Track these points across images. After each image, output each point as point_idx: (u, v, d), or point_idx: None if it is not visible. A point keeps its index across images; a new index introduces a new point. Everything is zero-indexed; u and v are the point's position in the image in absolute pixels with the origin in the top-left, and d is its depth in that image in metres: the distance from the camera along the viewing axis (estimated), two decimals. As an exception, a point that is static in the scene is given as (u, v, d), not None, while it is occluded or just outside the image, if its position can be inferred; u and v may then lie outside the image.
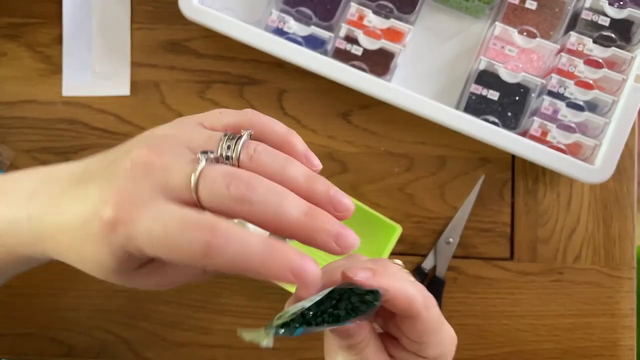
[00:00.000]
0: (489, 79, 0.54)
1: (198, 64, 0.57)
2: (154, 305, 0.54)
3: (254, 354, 0.54)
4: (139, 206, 0.25)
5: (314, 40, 0.54)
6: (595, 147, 0.52)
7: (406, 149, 0.56)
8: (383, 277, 0.28)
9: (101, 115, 0.56)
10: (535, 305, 0.55)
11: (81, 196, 0.27)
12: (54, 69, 0.57)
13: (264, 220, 0.25)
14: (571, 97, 0.53)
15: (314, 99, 0.56)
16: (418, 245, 0.55)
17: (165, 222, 0.24)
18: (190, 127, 0.29)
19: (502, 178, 0.56)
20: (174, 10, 0.54)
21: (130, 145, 0.28)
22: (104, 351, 0.54)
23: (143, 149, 0.26)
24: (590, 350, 0.55)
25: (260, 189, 0.25)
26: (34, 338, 0.54)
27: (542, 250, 0.55)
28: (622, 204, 0.56)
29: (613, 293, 0.55)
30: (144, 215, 0.25)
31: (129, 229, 0.25)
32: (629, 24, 0.54)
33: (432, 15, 0.57)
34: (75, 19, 0.57)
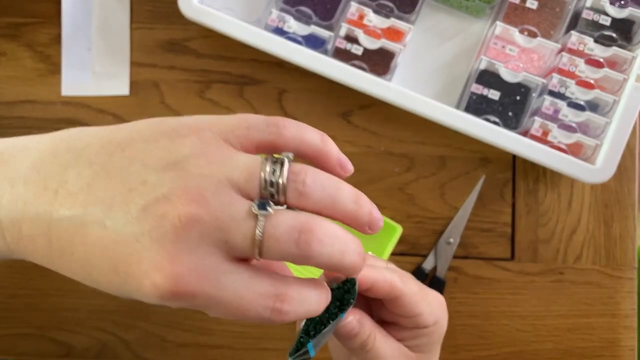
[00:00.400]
0: (489, 78, 0.54)
1: (198, 64, 0.57)
2: (153, 305, 0.54)
3: (254, 354, 0.54)
4: (200, 277, 0.23)
5: (314, 40, 0.54)
6: (596, 147, 0.52)
7: (406, 149, 0.56)
8: (365, 270, 0.30)
9: (101, 115, 0.56)
10: (535, 306, 0.55)
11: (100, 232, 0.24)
12: (53, 69, 0.57)
13: (323, 265, 0.25)
14: (572, 97, 0.53)
15: (314, 99, 0.56)
16: (418, 245, 0.55)
17: (235, 290, 0.24)
18: (220, 152, 0.25)
19: (503, 178, 0.56)
20: (174, 10, 0.54)
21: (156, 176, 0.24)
22: (103, 351, 0.54)
23: (186, 201, 0.23)
24: (591, 351, 0.54)
25: (326, 240, 0.24)
26: (34, 338, 0.54)
27: (543, 251, 0.55)
28: (623, 204, 0.56)
29: (614, 293, 0.55)
30: (208, 286, 0.23)
31: (190, 301, 0.24)
32: (630, 24, 0.53)
33: (433, 15, 0.57)
34: (75, 18, 0.57)
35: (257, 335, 0.54)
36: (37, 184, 0.26)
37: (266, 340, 0.54)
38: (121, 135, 0.26)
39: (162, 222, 0.23)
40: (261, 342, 0.54)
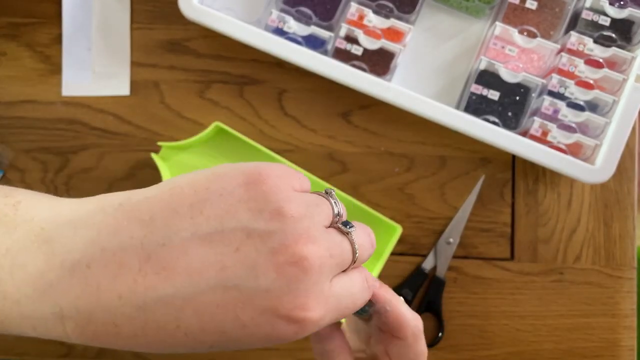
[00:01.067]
0: (489, 78, 0.54)
1: (198, 64, 0.57)
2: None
3: (255, 353, 0.54)
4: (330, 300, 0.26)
5: (314, 40, 0.54)
6: (596, 147, 0.52)
7: (406, 149, 0.56)
8: (387, 291, 0.32)
9: (101, 115, 0.56)
10: (535, 306, 0.55)
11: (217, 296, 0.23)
12: (53, 69, 0.57)
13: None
14: (572, 97, 0.53)
15: (314, 99, 0.56)
16: (418, 245, 0.55)
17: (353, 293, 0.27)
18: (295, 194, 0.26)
19: (503, 178, 0.56)
20: (174, 10, 0.54)
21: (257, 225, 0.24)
22: (103, 351, 0.54)
23: (300, 243, 0.24)
24: (590, 351, 0.54)
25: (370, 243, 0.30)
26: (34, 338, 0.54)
27: (543, 251, 0.55)
28: (623, 204, 0.56)
29: (613, 293, 0.55)
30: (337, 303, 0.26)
31: (328, 319, 0.26)
32: (629, 24, 0.54)
33: (433, 15, 0.57)
34: (75, 19, 0.57)
35: (257, 335, 0.54)
36: (109, 266, 0.23)
37: (266, 340, 0.54)
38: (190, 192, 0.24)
39: (285, 268, 0.24)
40: (261, 342, 0.54)
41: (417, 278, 0.54)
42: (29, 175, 0.56)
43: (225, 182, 0.25)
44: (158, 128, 0.56)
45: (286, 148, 0.56)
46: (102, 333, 0.23)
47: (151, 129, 0.56)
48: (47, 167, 0.56)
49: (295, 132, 0.56)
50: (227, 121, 0.55)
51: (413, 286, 0.54)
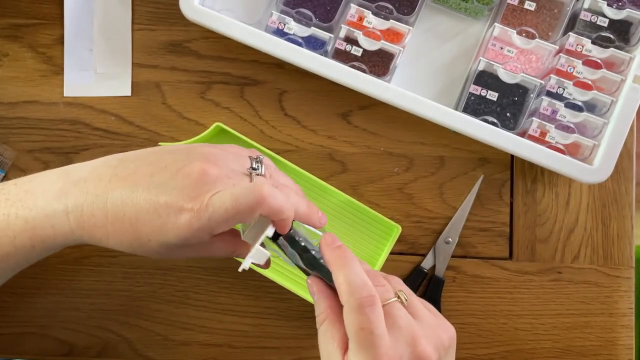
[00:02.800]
0: (487, 79, 0.54)
1: (199, 65, 0.57)
2: (155, 304, 0.55)
3: (255, 353, 0.54)
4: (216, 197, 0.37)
5: (314, 41, 0.54)
6: (594, 148, 0.52)
7: (405, 149, 0.56)
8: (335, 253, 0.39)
9: (103, 116, 0.57)
10: (533, 305, 0.55)
11: (146, 195, 0.37)
12: (55, 70, 0.57)
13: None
14: (570, 98, 0.53)
15: (314, 100, 0.57)
16: (417, 244, 0.55)
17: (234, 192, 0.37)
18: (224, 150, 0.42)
19: (501, 178, 0.56)
20: (175, 12, 0.54)
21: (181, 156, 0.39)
22: (105, 350, 0.54)
23: (203, 162, 0.38)
24: (588, 350, 0.55)
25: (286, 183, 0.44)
26: (35, 337, 0.54)
27: (541, 250, 0.55)
28: (621, 203, 0.56)
29: (611, 292, 0.55)
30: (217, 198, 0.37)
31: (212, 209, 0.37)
32: (627, 25, 0.54)
33: (432, 17, 0.57)
34: (77, 20, 0.57)
35: (257, 334, 0.54)
36: (94, 179, 0.39)
37: (266, 338, 0.54)
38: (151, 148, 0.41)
39: (187, 176, 0.37)
40: (261, 341, 0.54)
41: (416, 277, 0.55)
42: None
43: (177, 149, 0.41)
44: (159, 128, 0.56)
45: (286, 148, 0.56)
46: (88, 222, 0.38)
47: (153, 130, 0.56)
48: (49, 167, 0.56)
49: (296, 132, 0.57)
50: (228, 122, 0.56)
51: (412, 285, 0.54)
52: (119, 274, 0.55)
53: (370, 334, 0.35)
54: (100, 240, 0.39)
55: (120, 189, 0.38)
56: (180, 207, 0.36)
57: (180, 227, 0.36)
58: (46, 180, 0.40)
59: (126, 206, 0.37)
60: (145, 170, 0.38)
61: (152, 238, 0.37)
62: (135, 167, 0.39)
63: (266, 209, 0.37)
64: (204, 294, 0.55)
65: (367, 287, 0.36)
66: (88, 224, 0.38)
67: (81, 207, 0.38)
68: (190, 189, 0.37)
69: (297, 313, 0.54)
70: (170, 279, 0.55)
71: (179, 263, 0.55)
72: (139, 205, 0.37)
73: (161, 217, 0.37)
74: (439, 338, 0.38)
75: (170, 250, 0.39)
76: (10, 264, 0.41)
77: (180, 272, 0.55)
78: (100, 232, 0.38)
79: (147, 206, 0.37)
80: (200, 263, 0.55)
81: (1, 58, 0.57)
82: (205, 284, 0.55)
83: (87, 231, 0.38)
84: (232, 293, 0.55)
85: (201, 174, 0.37)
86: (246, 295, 0.55)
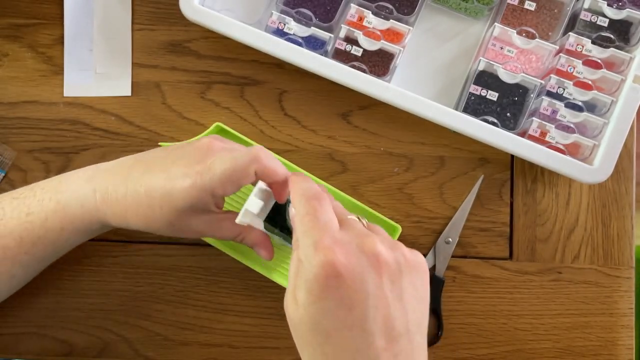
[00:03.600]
0: (488, 79, 0.54)
1: (199, 65, 0.57)
2: (155, 304, 0.55)
3: (254, 353, 0.54)
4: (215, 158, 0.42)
5: (314, 41, 0.54)
6: (594, 148, 0.52)
7: (405, 149, 0.56)
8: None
9: (103, 116, 0.57)
10: (533, 305, 0.55)
11: (160, 173, 0.43)
12: (55, 70, 0.57)
13: None
14: (570, 98, 0.53)
15: (314, 100, 0.57)
16: (417, 244, 0.55)
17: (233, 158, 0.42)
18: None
19: (501, 178, 0.56)
20: (175, 12, 0.54)
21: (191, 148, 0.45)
22: (105, 350, 0.54)
23: (207, 152, 0.43)
24: (588, 350, 0.55)
25: None
26: (35, 337, 0.54)
27: (541, 250, 0.55)
28: (621, 203, 0.56)
29: (611, 292, 0.55)
30: (218, 160, 0.42)
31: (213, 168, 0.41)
32: (627, 25, 0.54)
33: (432, 17, 0.57)
34: (77, 20, 0.57)
35: (257, 334, 0.54)
36: (119, 166, 0.46)
37: (266, 338, 0.54)
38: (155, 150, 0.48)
39: (196, 149, 0.44)
40: (261, 341, 0.54)
41: (417, 277, 0.55)
42: (31, 175, 0.56)
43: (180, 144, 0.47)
44: (159, 128, 0.56)
45: (286, 148, 0.56)
46: (110, 197, 0.44)
47: (153, 130, 0.56)
48: (49, 167, 0.56)
49: (296, 132, 0.57)
50: (228, 122, 0.56)
51: (412, 285, 0.54)
52: (119, 274, 0.55)
53: (314, 218, 0.35)
54: (120, 215, 0.44)
55: (139, 170, 0.44)
56: (186, 172, 0.41)
57: (185, 188, 0.41)
58: (77, 173, 0.46)
59: (143, 180, 0.43)
60: (163, 154, 0.45)
61: (163, 204, 0.42)
62: (155, 154, 0.45)
63: (261, 167, 0.41)
64: (204, 294, 0.55)
65: (318, 191, 0.38)
66: (110, 199, 0.43)
67: (106, 186, 0.44)
68: (197, 156, 0.42)
69: (297, 313, 0.54)
70: (170, 279, 0.55)
71: (179, 263, 0.55)
72: (154, 177, 0.42)
73: (170, 181, 0.42)
74: (398, 246, 0.37)
75: (181, 219, 0.43)
76: (39, 250, 0.45)
77: (180, 272, 0.55)
78: (120, 206, 0.43)
79: (161, 176, 0.42)
80: (200, 263, 0.55)
81: (1, 58, 0.57)
82: (205, 284, 0.55)
83: (109, 207, 0.43)
84: (232, 293, 0.55)
85: (208, 145, 0.43)
86: (246, 295, 0.55)
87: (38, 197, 0.45)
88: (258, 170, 0.41)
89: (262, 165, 0.41)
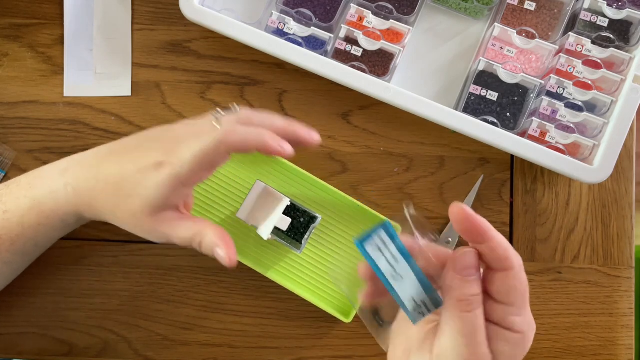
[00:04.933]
0: (487, 79, 0.54)
1: (199, 65, 0.57)
2: (155, 304, 0.55)
3: (254, 353, 0.54)
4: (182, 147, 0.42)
5: (314, 41, 0.54)
6: (594, 148, 0.52)
7: (405, 149, 0.56)
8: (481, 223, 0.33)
9: (102, 116, 0.57)
10: (533, 305, 0.54)
11: (129, 162, 0.42)
12: (55, 70, 0.57)
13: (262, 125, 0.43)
14: (570, 98, 0.53)
15: (314, 100, 0.57)
16: (417, 244, 0.55)
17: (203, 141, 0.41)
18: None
19: (501, 178, 0.56)
20: (175, 12, 0.54)
21: (160, 134, 0.45)
22: (105, 350, 0.54)
23: (179, 127, 0.45)
24: (588, 350, 0.55)
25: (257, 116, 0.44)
26: (35, 337, 0.54)
27: (541, 250, 0.55)
28: (621, 203, 0.56)
29: (611, 292, 0.55)
30: (185, 148, 0.42)
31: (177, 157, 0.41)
32: (627, 25, 0.54)
33: (432, 17, 0.57)
34: (77, 20, 0.57)
35: (257, 334, 0.54)
36: (92, 156, 0.45)
37: (266, 339, 0.54)
38: (150, 130, 0.46)
39: (165, 138, 0.44)
40: (261, 341, 0.54)
41: (417, 277, 0.55)
42: (31, 175, 0.56)
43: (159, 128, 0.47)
44: (159, 128, 0.56)
45: (286, 148, 0.56)
46: (81, 188, 0.44)
47: (152, 130, 0.56)
48: (49, 167, 0.56)
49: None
50: (227, 121, 0.56)
51: (412, 285, 0.54)
52: (119, 274, 0.55)
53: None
54: (91, 206, 0.44)
55: (111, 159, 0.44)
56: (158, 162, 0.41)
57: (160, 179, 0.41)
58: (53, 165, 0.46)
59: (114, 169, 0.43)
60: (135, 143, 0.45)
61: (134, 193, 0.41)
62: (128, 143, 0.45)
63: (231, 145, 0.41)
64: (204, 294, 0.55)
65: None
66: (81, 189, 0.43)
67: (78, 178, 0.44)
68: (167, 146, 0.42)
69: (297, 313, 0.54)
70: (170, 279, 0.55)
71: (179, 263, 0.55)
72: (125, 167, 0.42)
73: (141, 172, 0.41)
74: None
75: (154, 213, 0.42)
76: (19, 247, 0.45)
77: (180, 272, 0.55)
78: (90, 195, 0.43)
79: (131, 166, 0.42)
80: (201, 263, 0.55)
81: (1, 58, 0.57)
82: (205, 284, 0.55)
83: (80, 198, 0.43)
84: (232, 293, 0.55)
85: (176, 133, 0.43)
86: (246, 295, 0.55)
87: (14, 194, 0.45)
88: (232, 149, 0.41)
89: (231, 142, 0.41)
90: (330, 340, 0.54)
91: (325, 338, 0.54)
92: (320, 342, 0.55)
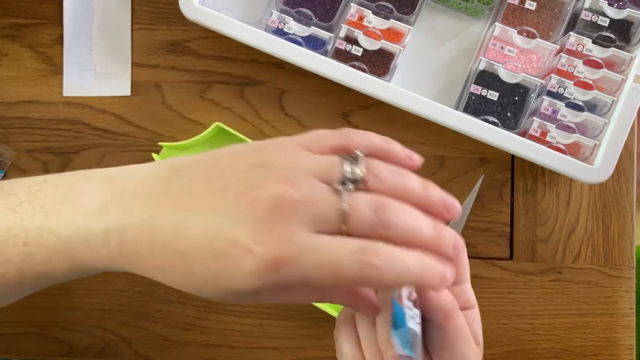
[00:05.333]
0: (488, 79, 0.54)
1: (199, 65, 0.57)
2: (155, 304, 0.54)
3: (255, 353, 0.54)
4: (298, 243, 0.27)
5: (314, 41, 0.54)
6: (595, 147, 0.52)
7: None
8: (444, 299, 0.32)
9: (102, 116, 0.57)
10: (534, 305, 0.55)
11: (202, 225, 0.28)
12: (55, 70, 0.57)
13: (403, 240, 0.28)
14: (570, 98, 0.53)
15: (314, 99, 0.57)
16: (418, 245, 0.55)
17: (326, 249, 0.27)
18: (302, 153, 0.30)
19: (502, 178, 0.56)
20: (175, 11, 0.54)
21: (247, 173, 0.29)
22: (105, 350, 0.54)
23: (277, 183, 0.27)
24: (589, 350, 0.55)
25: (401, 214, 0.28)
26: (35, 337, 0.54)
27: (541, 250, 0.55)
28: (622, 203, 0.56)
29: (612, 293, 0.55)
30: (307, 251, 0.27)
31: (295, 266, 0.26)
32: (628, 25, 0.54)
33: (432, 16, 0.57)
34: (76, 19, 0.57)
35: (257, 334, 0.54)
36: (142, 195, 0.30)
37: (267, 339, 0.54)
38: (213, 154, 0.31)
39: (256, 204, 0.27)
40: (262, 341, 0.54)
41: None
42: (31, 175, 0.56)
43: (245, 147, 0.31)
44: (159, 128, 0.56)
45: (286, 148, 0.56)
46: (131, 249, 0.30)
47: (152, 129, 0.56)
48: (48, 167, 0.56)
49: (296, 132, 0.56)
50: (227, 121, 0.56)
51: (412, 285, 0.54)
52: (119, 274, 0.55)
53: None
54: (148, 274, 0.31)
55: (170, 214, 0.29)
56: (246, 247, 0.27)
57: (246, 274, 0.27)
58: (87, 189, 0.32)
59: (177, 238, 0.29)
60: (203, 190, 0.29)
61: (209, 281, 0.28)
62: (192, 184, 0.30)
63: (381, 284, 0.29)
64: (204, 294, 0.55)
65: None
66: (132, 252, 0.30)
67: (125, 230, 0.30)
68: (260, 223, 0.27)
69: (297, 313, 0.54)
70: (170, 279, 0.55)
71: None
72: (191, 238, 0.28)
73: (219, 258, 0.28)
74: None
75: (242, 298, 0.29)
76: (43, 282, 0.34)
77: (180, 272, 0.55)
78: (147, 265, 0.30)
79: (202, 241, 0.28)
80: (200, 263, 0.55)
81: (1, 58, 0.57)
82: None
83: (131, 261, 0.31)
84: (232, 293, 0.55)
85: (275, 203, 0.27)
86: (246, 296, 0.55)
87: (37, 222, 0.32)
88: (377, 287, 0.31)
89: (383, 282, 0.27)
90: (331, 340, 0.54)
91: (326, 338, 0.54)
92: (321, 342, 0.54)
